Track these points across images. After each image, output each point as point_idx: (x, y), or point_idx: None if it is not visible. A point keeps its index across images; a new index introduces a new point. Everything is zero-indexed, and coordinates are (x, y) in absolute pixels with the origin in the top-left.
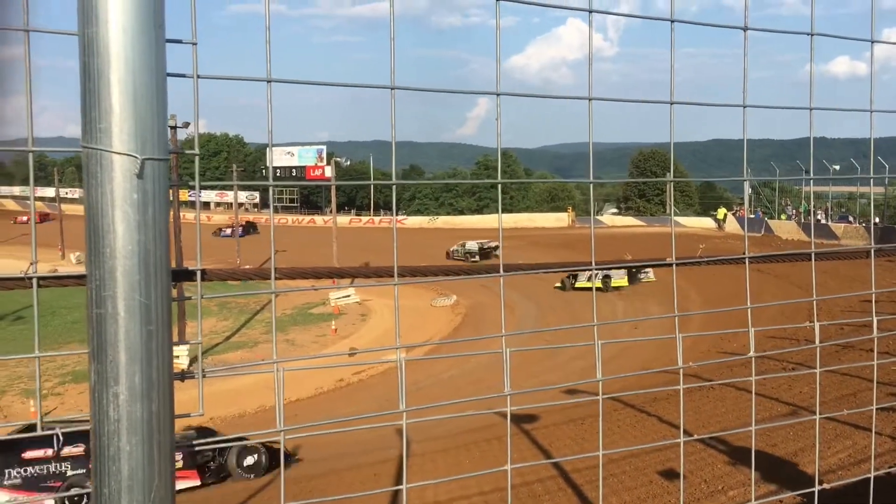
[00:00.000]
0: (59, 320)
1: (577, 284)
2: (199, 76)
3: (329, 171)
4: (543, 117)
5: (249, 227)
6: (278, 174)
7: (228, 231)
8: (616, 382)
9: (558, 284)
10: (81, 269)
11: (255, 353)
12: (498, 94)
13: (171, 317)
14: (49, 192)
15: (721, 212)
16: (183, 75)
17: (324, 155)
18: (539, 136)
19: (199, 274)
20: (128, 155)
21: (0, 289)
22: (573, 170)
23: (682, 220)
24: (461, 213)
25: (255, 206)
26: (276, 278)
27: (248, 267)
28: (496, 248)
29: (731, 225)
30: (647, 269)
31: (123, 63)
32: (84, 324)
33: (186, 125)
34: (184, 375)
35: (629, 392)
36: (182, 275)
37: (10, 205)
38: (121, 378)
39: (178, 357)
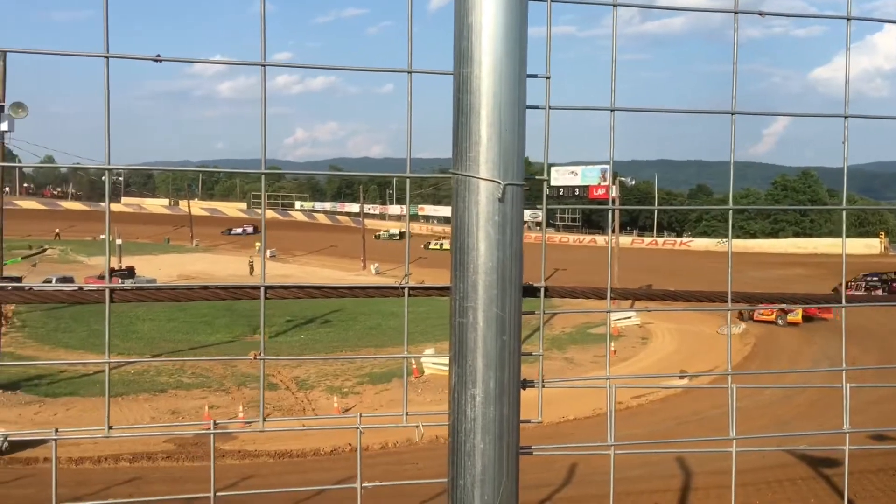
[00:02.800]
0: (359, 325)
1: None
2: (550, 107)
3: (613, 191)
4: (852, 133)
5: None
6: (560, 193)
7: (240, 230)
8: None
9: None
10: (380, 280)
11: (536, 367)
12: (846, 117)
13: (521, 329)
14: (354, 207)
15: None
16: (537, 107)
17: (607, 174)
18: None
19: (542, 291)
20: (492, 181)
21: (377, 296)
22: (887, 191)
23: None
24: (753, 236)
25: (537, 224)
26: (611, 298)
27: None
28: None
29: None
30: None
31: (492, 99)
32: (377, 330)
33: None
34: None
35: None
36: (528, 291)
37: (322, 218)
38: (478, 382)
39: None
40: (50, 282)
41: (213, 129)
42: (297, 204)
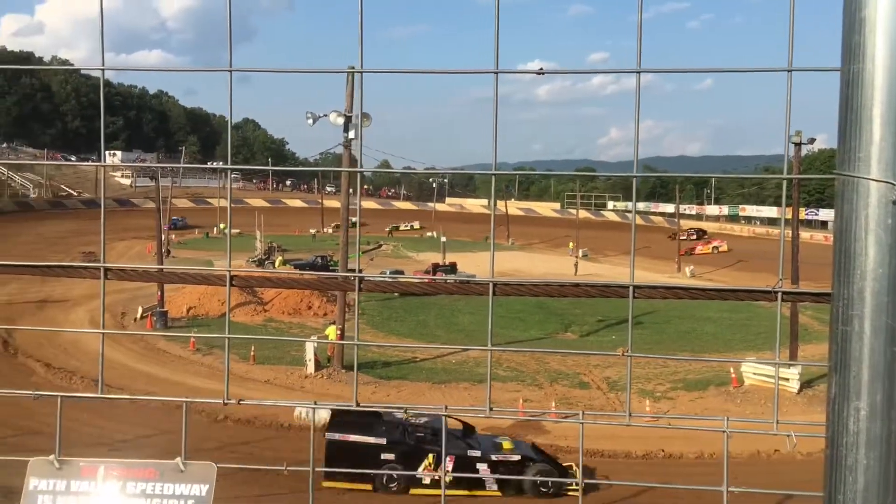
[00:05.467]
0: (672, 328)
1: None
2: None
3: None
4: None
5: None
6: None
7: (180, 220)
8: None
9: None
10: (694, 282)
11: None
12: None
13: None
14: (668, 207)
15: None
16: None
17: None
18: None
19: None
20: (885, 182)
21: (748, 300)
22: None
23: None
24: None
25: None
26: None
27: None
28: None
29: None
30: None
31: (887, 95)
32: (692, 335)
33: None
34: None
35: None
36: None
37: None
38: (862, 394)
39: (787, 380)
40: (384, 274)
41: (530, 131)
42: (610, 204)
